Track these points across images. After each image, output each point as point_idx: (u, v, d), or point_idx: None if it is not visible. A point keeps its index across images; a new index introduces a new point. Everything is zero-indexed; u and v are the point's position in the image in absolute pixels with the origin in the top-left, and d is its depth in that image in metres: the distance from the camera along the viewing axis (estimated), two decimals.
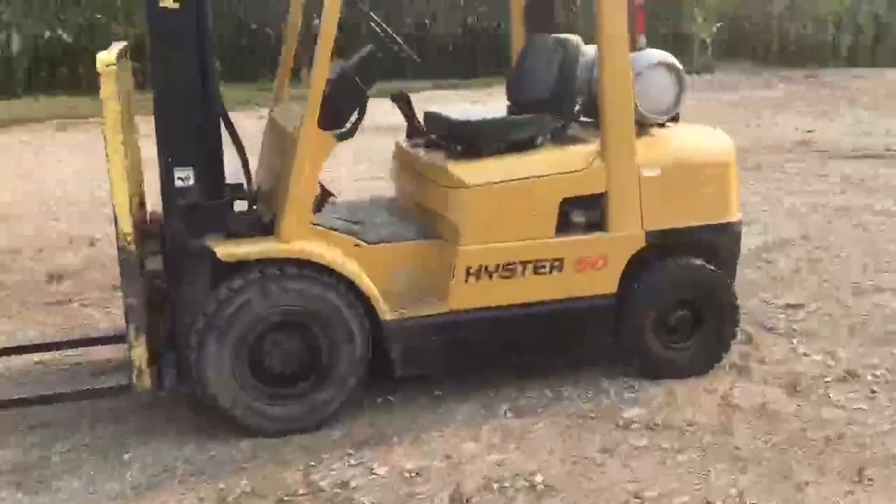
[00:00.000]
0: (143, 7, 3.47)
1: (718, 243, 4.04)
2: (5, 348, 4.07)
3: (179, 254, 3.51)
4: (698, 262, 3.96)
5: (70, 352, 4.24)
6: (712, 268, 3.97)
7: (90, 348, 4.22)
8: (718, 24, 15.80)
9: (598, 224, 3.84)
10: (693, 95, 13.08)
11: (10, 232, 6.45)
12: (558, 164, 3.79)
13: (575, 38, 3.98)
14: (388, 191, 4.64)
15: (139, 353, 3.42)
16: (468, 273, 3.69)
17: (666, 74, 3.96)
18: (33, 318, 4.84)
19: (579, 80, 4.03)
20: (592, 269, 3.83)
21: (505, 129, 3.89)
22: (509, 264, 3.73)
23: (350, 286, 3.56)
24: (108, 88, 3.25)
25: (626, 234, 3.85)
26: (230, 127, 3.70)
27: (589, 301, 3.84)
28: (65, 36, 12.51)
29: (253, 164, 3.89)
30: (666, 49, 4.07)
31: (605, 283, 3.85)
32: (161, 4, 3.34)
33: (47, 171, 8.49)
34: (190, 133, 3.45)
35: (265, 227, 3.57)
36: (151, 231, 3.72)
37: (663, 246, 3.91)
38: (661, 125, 4.13)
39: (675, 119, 4.15)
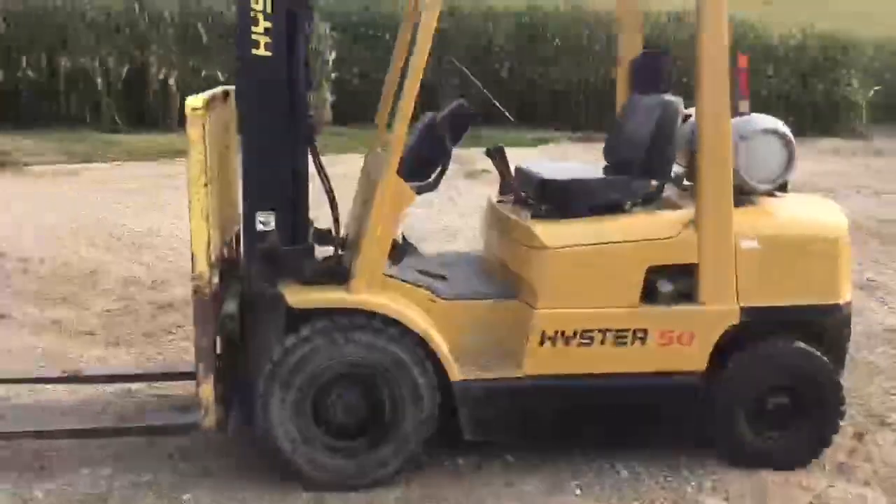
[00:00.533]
0: None
1: (824, 326, 3.72)
2: (93, 376, 4.21)
3: (256, 297, 3.52)
4: (799, 344, 3.65)
5: (158, 384, 4.33)
6: (815, 352, 3.65)
7: (178, 382, 4.29)
8: (877, 88, 14.97)
9: (688, 296, 3.61)
10: (843, 161, 12.42)
11: (135, 262, 6.72)
12: (646, 230, 3.60)
13: (676, 100, 3.80)
14: None
15: (207, 394, 3.44)
16: (544, 338, 3.53)
17: (773, 141, 3.73)
18: (133, 348, 5.00)
19: (681, 144, 3.85)
20: (679, 344, 3.59)
21: (592, 190, 3.75)
22: (588, 332, 3.55)
23: (420, 342, 3.47)
24: (194, 132, 3.32)
25: (718, 309, 3.60)
26: (321, 171, 3.72)
27: (673, 378, 3.60)
28: (219, 74, 13.12)
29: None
30: (818, 113, 3.84)
31: (693, 359, 3.60)
32: (253, 51, 3.39)
33: (183, 203, 8.86)
34: (274, 178, 3.47)
35: (343, 275, 3.54)
36: (239, 271, 3.76)
37: (760, 324, 3.63)
38: (771, 194, 3.88)
39: (783, 188, 3.89)
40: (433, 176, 3.64)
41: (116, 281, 6.17)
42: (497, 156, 4.22)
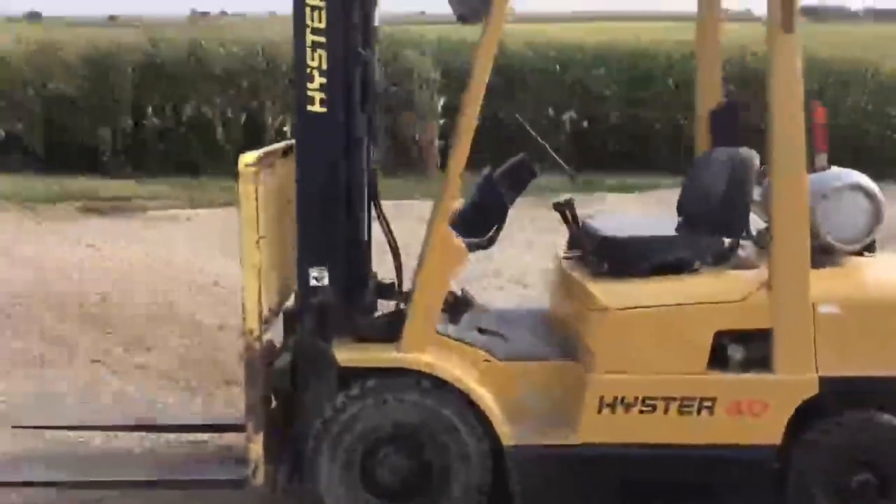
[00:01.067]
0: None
1: None
2: (163, 425, 4.28)
3: (308, 352, 3.49)
4: (886, 418, 3.34)
5: (228, 434, 4.35)
6: None
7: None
8: None
9: (761, 363, 3.37)
10: None
11: (231, 308, 6.82)
12: (713, 292, 3.39)
13: (750, 153, 3.58)
14: None
15: (256, 451, 3.42)
16: (602, 403, 3.35)
17: (857, 198, 3.48)
18: (213, 396, 5.06)
19: (764, 200, 3.63)
20: (751, 415, 3.34)
21: (657, 248, 3.56)
22: (650, 399, 3.35)
23: (471, 404, 3.36)
24: (245, 188, 3.34)
25: (794, 379, 3.33)
26: (385, 224, 3.68)
27: (745, 451, 3.35)
28: None
29: None
30: None
31: (766, 432, 3.34)
32: (308, 107, 3.39)
33: None
34: (328, 234, 3.45)
35: (396, 333, 3.47)
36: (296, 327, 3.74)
37: (842, 395, 3.34)
38: (859, 254, 3.59)
39: (870, 248, 3.60)
40: (490, 232, 3.55)
41: (209, 328, 6.28)
42: (566, 209, 4.07)
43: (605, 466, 3.38)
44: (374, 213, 3.77)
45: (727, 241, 3.58)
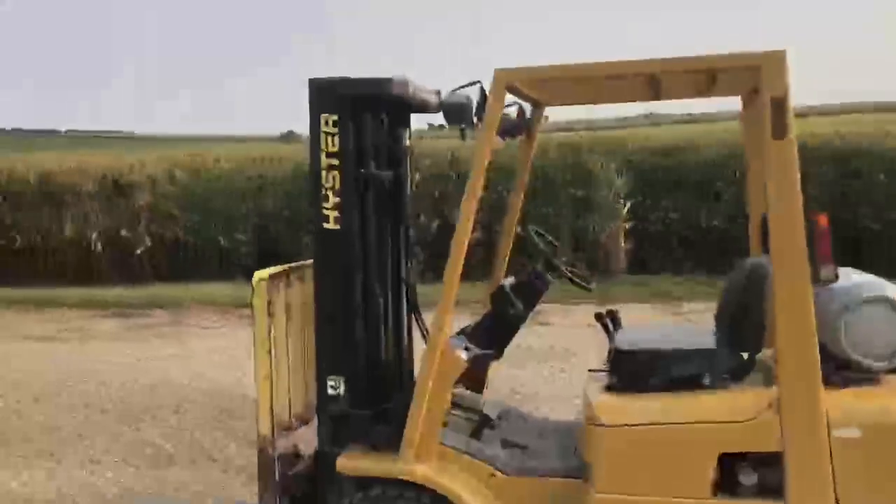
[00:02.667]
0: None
1: None
2: None
3: (325, 458, 3.62)
4: None
5: None
6: None
7: None
8: None
9: (776, 490, 3.09)
10: None
11: None
12: (718, 410, 3.17)
13: (764, 262, 3.35)
14: None
15: None
16: None
17: (883, 310, 3.15)
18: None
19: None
20: None
21: (666, 362, 3.37)
22: None
23: None
24: (257, 302, 3.59)
25: None
26: (424, 332, 3.77)
27: None
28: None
29: None
30: None
31: None
32: (324, 225, 3.60)
33: None
34: (344, 345, 3.58)
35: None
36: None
37: None
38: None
39: None
40: (498, 345, 3.55)
41: None
42: (607, 318, 3.96)
43: None
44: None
45: (745, 355, 3.35)
